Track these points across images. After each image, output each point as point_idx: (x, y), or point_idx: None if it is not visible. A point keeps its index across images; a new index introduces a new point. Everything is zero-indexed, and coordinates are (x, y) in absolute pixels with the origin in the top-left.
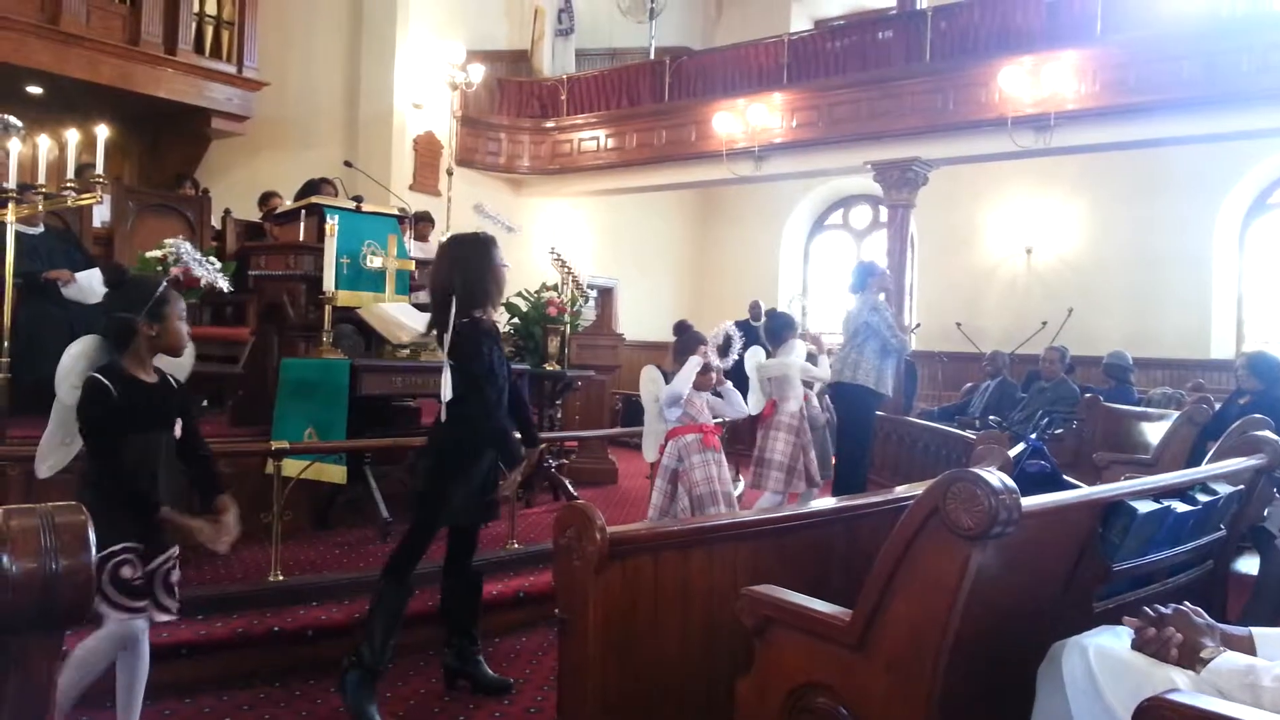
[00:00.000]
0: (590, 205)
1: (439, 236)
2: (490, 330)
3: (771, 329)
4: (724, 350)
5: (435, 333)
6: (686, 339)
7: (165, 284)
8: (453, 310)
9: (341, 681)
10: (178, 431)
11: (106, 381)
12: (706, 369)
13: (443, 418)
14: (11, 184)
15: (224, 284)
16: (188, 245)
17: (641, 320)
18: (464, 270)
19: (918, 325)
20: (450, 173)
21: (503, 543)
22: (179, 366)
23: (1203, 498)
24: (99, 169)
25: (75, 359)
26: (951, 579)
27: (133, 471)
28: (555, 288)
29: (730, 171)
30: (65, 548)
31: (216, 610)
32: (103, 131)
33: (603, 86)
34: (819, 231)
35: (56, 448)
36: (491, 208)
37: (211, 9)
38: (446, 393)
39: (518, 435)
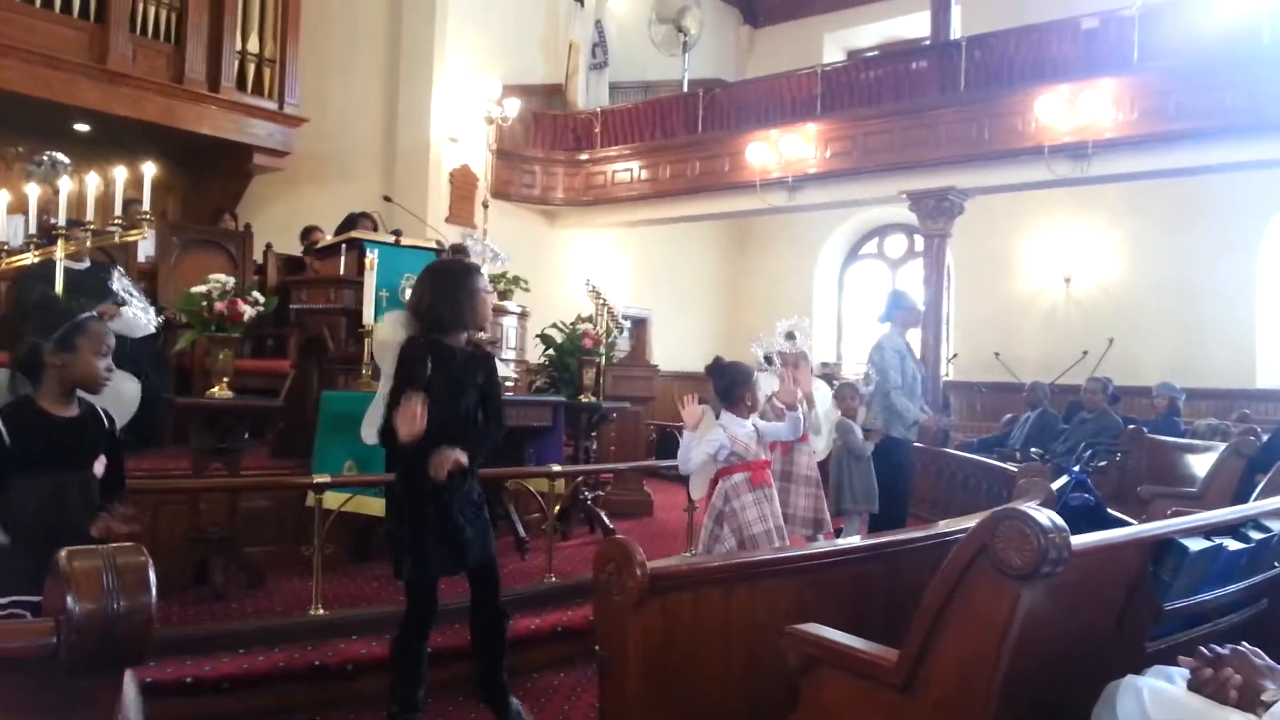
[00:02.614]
0: (624, 236)
1: None
2: (472, 358)
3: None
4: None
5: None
6: (730, 380)
7: (87, 314)
8: (389, 327)
9: None
10: (99, 469)
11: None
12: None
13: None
14: (60, 220)
15: (153, 324)
16: (120, 277)
17: (676, 351)
18: (432, 291)
19: (955, 355)
20: (486, 205)
21: (540, 576)
22: (120, 404)
23: (1255, 535)
24: (145, 205)
25: None
26: (1000, 619)
27: (12, 513)
28: (590, 319)
29: (764, 202)
30: (126, 588)
31: (258, 643)
32: (149, 169)
33: (636, 119)
34: (853, 261)
35: None
36: (477, 236)
37: (254, 47)
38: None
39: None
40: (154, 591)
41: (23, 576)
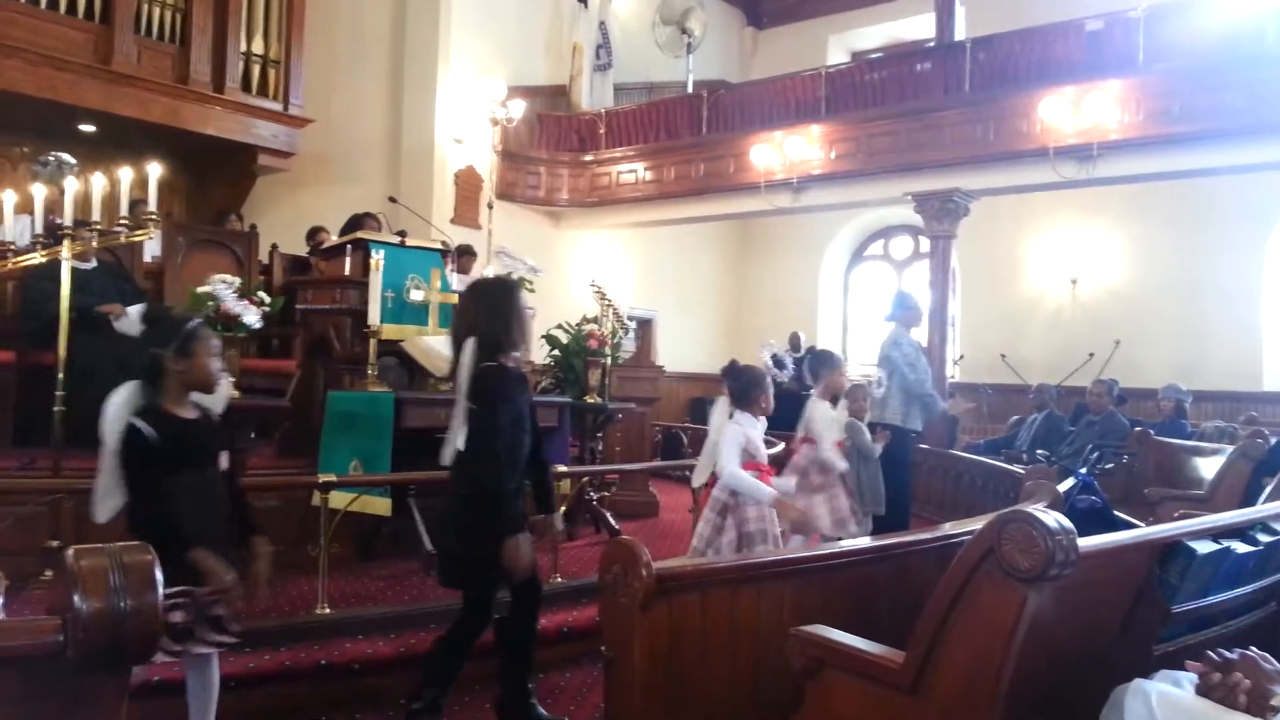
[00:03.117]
0: (629, 237)
1: (481, 269)
2: (519, 377)
3: (812, 366)
4: (779, 364)
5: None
6: (745, 382)
7: (197, 321)
8: (470, 353)
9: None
10: (224, 464)
11: (142, 425)
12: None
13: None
14: (67, 220)
15: (256, 321)
16: (223, 285)
17: (681, 352)
18: (487, 313)
19: (961, 357)
20: (490, 206)
21: (545, 577)
22: (213, 400)
23: (1264, 538)
24: (151, 205)
25: (118, 406)
26: (1007, 621)
27: (176, 509)
28: (595, 320)
29: (768, 203)
30: (133, 587)
31: (264, 643)
32: (155, 169)
33: (641, 120)
34: (858, 262)
35: (110, 492)
36: (514, 249)
37: (259, 48)
38: (459, 440)
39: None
40: (160, 590)
41: (180, 568)
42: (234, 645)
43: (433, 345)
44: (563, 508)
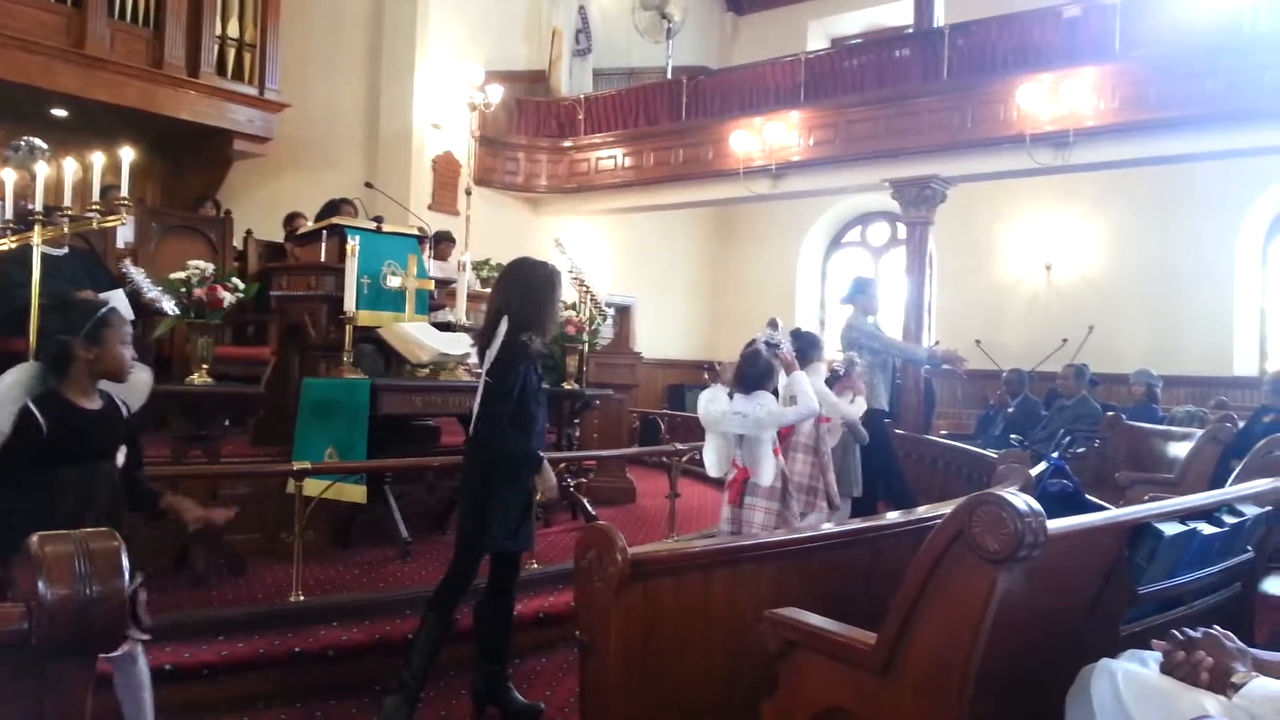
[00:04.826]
0: (608, 224)
1: (459, 255)
2: (534, 355)
3: (798, 349)
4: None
5: (479, 348)
6: (762, 371)
7: (109, 307)
8: (501, 328)
9: (382, 704)
10: (120, 459)
11: (37, 413)
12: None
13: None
14: (38, 206)
15: (172, 308)
16: (141, 273)
17: (659, 338)
18: (524, 293)
19: (937, 342)
20: (468, 192)
21: (522, 562)
22: (134, 392)
23: (1229, 519)
24: (123, 191)
25: (11, 387)
26: (977, 603)
27: (59, 503)
28: (574, 306)
29: (747, 190)
30: (99, 573)
31: (238, 630)
32: (127, 154)
33: (620, 106)
34: (836, 249)
35: None
36: (569, 248)
37: (234, 32)
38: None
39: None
40: (126, 577)
41: None
42: (150, 640)
43: (410, 332)
44: (540, 494)
